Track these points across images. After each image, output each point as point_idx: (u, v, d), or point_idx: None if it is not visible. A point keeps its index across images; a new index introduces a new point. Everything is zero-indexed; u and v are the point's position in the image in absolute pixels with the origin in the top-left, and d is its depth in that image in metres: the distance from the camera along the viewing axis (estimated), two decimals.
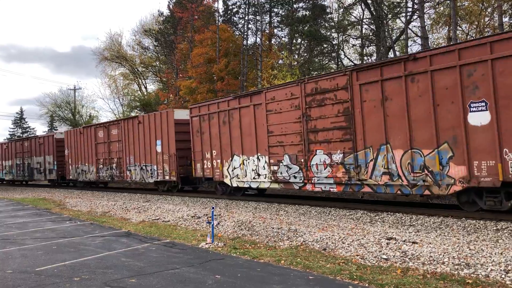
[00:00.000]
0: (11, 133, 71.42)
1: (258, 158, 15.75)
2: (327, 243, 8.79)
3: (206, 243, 9.42)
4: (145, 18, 69.86)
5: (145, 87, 52.14)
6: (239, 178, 16.61)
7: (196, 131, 18.61)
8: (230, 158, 16.89)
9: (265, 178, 15.56)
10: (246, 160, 16.23)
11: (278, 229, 10.26)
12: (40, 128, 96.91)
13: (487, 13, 25.86)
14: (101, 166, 25.29)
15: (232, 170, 16.84)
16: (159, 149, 21.12)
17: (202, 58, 32.65)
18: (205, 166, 18.23)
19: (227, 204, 16.17)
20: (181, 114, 20.79)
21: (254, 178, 15.93)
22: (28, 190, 30.38)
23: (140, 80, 52.01)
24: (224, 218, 12.25)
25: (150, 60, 49.28)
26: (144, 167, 22.09)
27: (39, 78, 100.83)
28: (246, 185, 16.46)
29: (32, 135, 35.98)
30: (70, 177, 28.64)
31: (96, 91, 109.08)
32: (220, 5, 49.02)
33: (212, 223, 9.77)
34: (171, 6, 43.17)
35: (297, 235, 9.61)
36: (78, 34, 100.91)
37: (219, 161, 17.53)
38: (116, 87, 52.88)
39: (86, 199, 20.78)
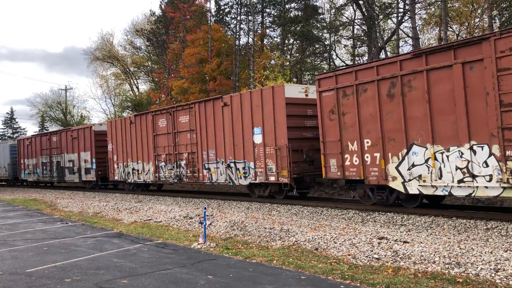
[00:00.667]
0: (1, 133, 70.82)
1: (471, 148, 10.11)
2: (319, 243, 8.82)
3: (198, 244, 9.41)
4: (137, 18, 69.83)
5: (137, 87, 51.99)
6: (424, 181, 10.99)
7: (330, 112, 13.12)
8: (405, 150, 11.41)
9: (489, 180, 9.88)
10: (442, 153, 10.71)
11: (271, 229, 10.28)
12: (31, 128, 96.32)
13: (477, 14, 26.09)
14: (163, 163, 20.12)
15: (409, 169, 11.33)
16: (258, 139, 15.70)
17: (194, 58, 32.60)
18: (346, 163, 12.80)
19: (219, 205, 16.16)
20: (293, 90, 15.18)
21: (461, 180, 10.31)
22: (19, 191, 30.14)
23: (131, 80, 51.83)
24: (217, 219, 12.24)
25: (142, 60, 49.11)
26: (232, 165, 16.72)
27: (30, 78, 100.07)
28: (441, 192, 10.83)
29: (63, 128, 31.08)
30: (116, 177, 23.36)
31: (88, 91, 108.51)
32: (212, 5, 49.00)
33: (204, 223, 9.75)
34: (163, 6, 43.05)
35: (289, 235, 9.63)
36: (70, 34, 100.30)
37: (377, 154, 12.12)
38: (108, 87, 52.70)
39: (78, 200, 20.66)
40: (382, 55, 27.08)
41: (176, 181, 19.63)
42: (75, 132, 26.87)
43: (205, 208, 10.38)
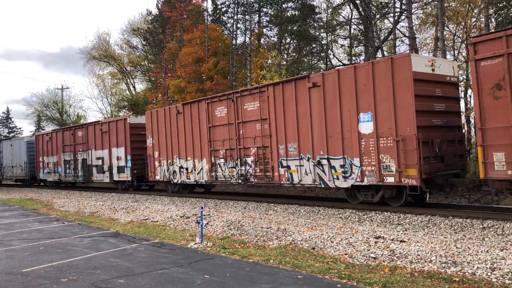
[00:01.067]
0: None
1: None
2: (316, 242, 8.82)
3: (195, 243, 9.40)
4: (133, 17, 69.59)
5: (133, 87, 51.87)
6: None
7: (495, 88, 9.82)
8: None
9: None
10: None
11: (267, 228, 10.28)
12: (27, 128, 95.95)
13: (473, 14, 26.16)
14: (221, 161, 17.02)
15: None
16: (366, 128, 12.43)
17: (191, 57, 32.53)
18: None
19: (216, 204, 16.15)
20: (420, 63, 11.98)
21: None
22: (15, 191, 30.03)
23: (128, 80, 51.71)
24: (213, 218, 12.23)
25: (138, 59, 49.00)
26: (324, 162, 13.53)
27: (27, 77, 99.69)
28: None
29: (91, 121, 27.35)
30: (157, 177, 20.36)
31: (84, 91, 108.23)
32: (209, 4, 48.99)
33: (201, 223, 9.74)
34: (159, 5, 42.94)
35: (286, 235, 9.63)
36: (67, 34, 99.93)
37: None
38: (104, 86, 52.57)
39: (74, 199, 20.60)
40: (379, 55, 27.12)
41: (240, 181, 16.49)
42: (105, 125, 23.92)
43: (202, 208, 10.37)
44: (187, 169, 18.73)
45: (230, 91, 18.25)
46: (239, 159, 16.34)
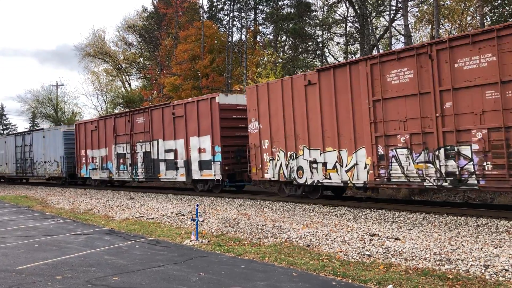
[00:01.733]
0: None
1: None
2: (311, 239, 8.84)
3: (191, 241, 9.40)
4: (129, 14, 69.27)
5: (129, 84, 51.72)
6: None
7: None
8: None
9: None
10: None
11: (263, 226, 10.29)
12: (22, 124, 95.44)
13: (469, 12, 26.24)
14: (403, 151, 11.41)
15: None
16: None
17: (186, 54, 32.46)
18: None
19: (211, 202, 16.14)
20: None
21: None
22: (10, 188, 29.89)
23: (123, 77, 51.55)
24: (209, 216, 12.23)
25: (134, 56, 48.84)
26: None
27: (22, 73, 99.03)
28: None
29: (158, 104, 22.28)
30: (267, 175, 15.17)
31: (79, 88, 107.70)
32: (205, 2, 48.87)
33: (196, 220, 9.74)
34: (155, 2, 42.82)
35: (281, 232, 9.65)
36: (63, 31, 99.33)
37: None
38: (99, 83, 52.37)
39: (69, 197, 20.54)
40: (375, 53, 27.15)
41: (445, 183, 10.67)
42: (179, 108, 18.66)
43: (197, 205, 10.36)
44: (324, 164, 13.40)
45: (426, 42, 12.11)
46: (441, 149, 10.69)
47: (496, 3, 22.76)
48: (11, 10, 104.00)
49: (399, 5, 24.54)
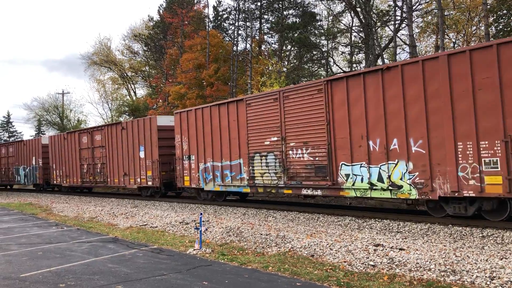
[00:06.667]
0: None
1: None
2: (315, 249, 8.81)
3: (194, 249, 9.38)
4: (135, 23, 69.66)
5: (134, 92, 51.99)
6: None
7: None
8: None
9: None
10: None
11: (267, 235, 10.26)
12: (27, 132, 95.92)
13: (474, 22, 26.27)
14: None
15: None
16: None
17: (191, 63, 32.64)
18: None
19: (215, 210, 16.12)
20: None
21: None
22: (14, 195, 30.00)
23: (129, 85, 51.84)
24: (213, 224, 12.21)
25: (139, 65, 49.15)
26: None
27: (31, 82, 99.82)
28: None
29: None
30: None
31: (85, 96, 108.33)
32: (210, 11, 49.19)
33: (200, 229, 9.73)
34: (161, 11, 43.18)
35: (285, 242, 9.61)
36: (70, 41, 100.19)
37: None
38: (105, 91, 52.67)
39: (73, 205, 20.57)
40: (380, 63, 27.19)
41: None
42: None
43: (201, 214, 10.36)
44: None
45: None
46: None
47: (501, 13, 22.78)
48: (21, 20, 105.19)
49: (404, 15, 24.61)
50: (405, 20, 24.13)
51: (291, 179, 14.09)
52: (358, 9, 28.59)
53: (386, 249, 8.30)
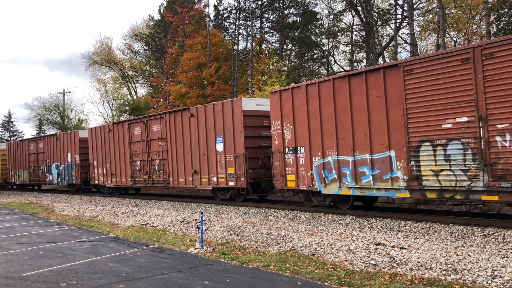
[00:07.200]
0: None
1: None
2: (316, 248, 8.80)
3: (195, 248, 9.38)
4: (135, 22, 69.74)
5: (135, 91, 51.98)
6: None
7: None
8: None
9: None
10: None
11: (268, 234, 10.25)
12: (28, 131, 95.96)
13: (475, 21, 26.24)
14: None
15: None
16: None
17: (192, 62, 32.64)
18: None
19: (216, 209, 16.12)
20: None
21: None
22: (16, 194, 30.02)
23: (130, 84, 51.83)
24: (214, 223, 12.21)
25: (140, 64, 49.14)
26: None
27: (32, 81, 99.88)
28: None
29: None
30: None
31: (86, 95, 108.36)
32: (211, 10, 49.16)
33: (201, 228, 9.73)
34: (162, 10, 43.16)
35: (286, 241, 9.61)
36: (72, 40, 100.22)
37: None
38: (106, 91, 52.67)
39: (74, 204, 20.59)
40: (380, 61, 27.16)
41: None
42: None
43: (202, 213, 10.35)
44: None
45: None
46: None
47: (502, 12, 22.75)
48: (22, 20, 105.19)
49: (405, 13, 24.57)
50: (406, 19, 24.08)
51: (502, 180, 9.47)
52: (359, 8, 28.54)
53: (387, 248, 8.30)
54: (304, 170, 13.76)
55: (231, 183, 16.55)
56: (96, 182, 24.54)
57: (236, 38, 34.80)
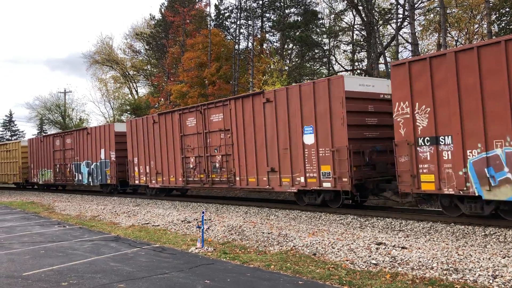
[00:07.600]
0: None
1: None
2: (317, 248, 8.80)
3: (196, 248, 9.39)
4: (136, 22, 69.75)
5: (136, 91, 52.00)
6: None
7: None
8: None
9: None
10: None
11: (269, 233, 10.25)
12: (30, 131, 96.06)
13: (476, 20, 26.21)
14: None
15: None
16: None
17: (193, 62, 32.63)
18: None
19: (217, 209, 16.13)
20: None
21: None
22: (17, 194, 30.05)
23: (131, 84, 51.85)
24: (215, 223, 12.21)
25: (141, 64, 49.14)
26: None
27: (33, 81, 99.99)
28: None
29: None
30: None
31: (87, 95, 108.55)
32: (212, 10, 49.15)
33: (202, 227, 9.73)
34: (163, 10, 43.13)
35: (287, 240, 9.61)
36: (74, 39, 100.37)
37: None
38: (107, 90, 52.70)
39: (76, 203, 20.60)
40: (381, 61, 27.16)
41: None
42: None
43: (203, 212, 10.35)
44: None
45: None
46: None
47: (503, 11, 22.72)
48: (23, 20, 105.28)
49: (406, 13, 24.54)
50: (407, 18, 24.06)
51: None
52: (360, 8, 28.53)
53: (388, 248, 8.29)
54: (451, 168, 10.36)
55: (327, 185, 13.20)
56: (137, 182, 21.67)
57: (237, 38, 34.78)
